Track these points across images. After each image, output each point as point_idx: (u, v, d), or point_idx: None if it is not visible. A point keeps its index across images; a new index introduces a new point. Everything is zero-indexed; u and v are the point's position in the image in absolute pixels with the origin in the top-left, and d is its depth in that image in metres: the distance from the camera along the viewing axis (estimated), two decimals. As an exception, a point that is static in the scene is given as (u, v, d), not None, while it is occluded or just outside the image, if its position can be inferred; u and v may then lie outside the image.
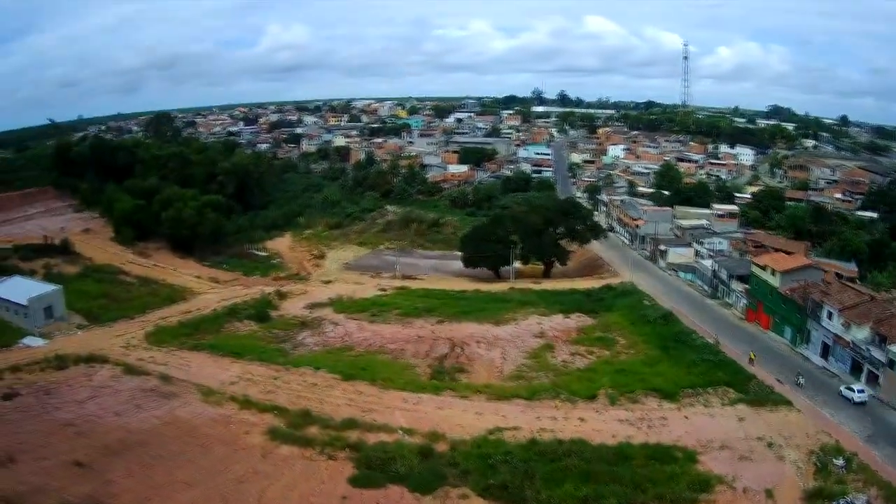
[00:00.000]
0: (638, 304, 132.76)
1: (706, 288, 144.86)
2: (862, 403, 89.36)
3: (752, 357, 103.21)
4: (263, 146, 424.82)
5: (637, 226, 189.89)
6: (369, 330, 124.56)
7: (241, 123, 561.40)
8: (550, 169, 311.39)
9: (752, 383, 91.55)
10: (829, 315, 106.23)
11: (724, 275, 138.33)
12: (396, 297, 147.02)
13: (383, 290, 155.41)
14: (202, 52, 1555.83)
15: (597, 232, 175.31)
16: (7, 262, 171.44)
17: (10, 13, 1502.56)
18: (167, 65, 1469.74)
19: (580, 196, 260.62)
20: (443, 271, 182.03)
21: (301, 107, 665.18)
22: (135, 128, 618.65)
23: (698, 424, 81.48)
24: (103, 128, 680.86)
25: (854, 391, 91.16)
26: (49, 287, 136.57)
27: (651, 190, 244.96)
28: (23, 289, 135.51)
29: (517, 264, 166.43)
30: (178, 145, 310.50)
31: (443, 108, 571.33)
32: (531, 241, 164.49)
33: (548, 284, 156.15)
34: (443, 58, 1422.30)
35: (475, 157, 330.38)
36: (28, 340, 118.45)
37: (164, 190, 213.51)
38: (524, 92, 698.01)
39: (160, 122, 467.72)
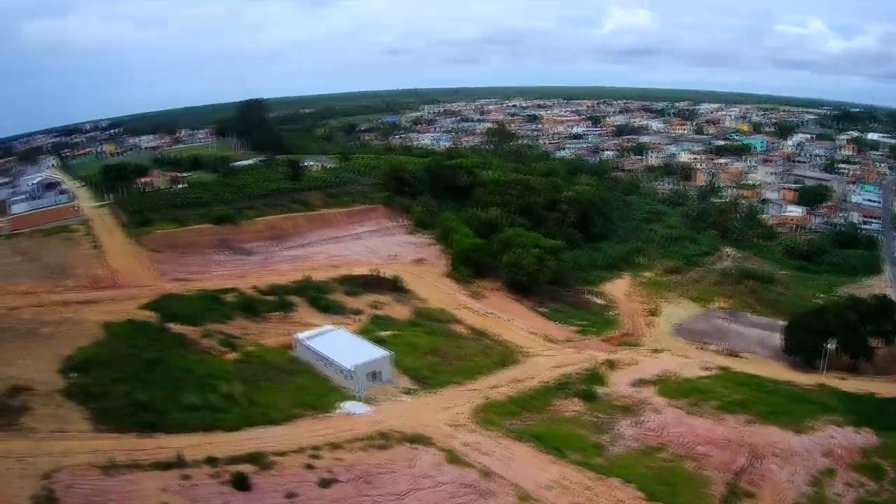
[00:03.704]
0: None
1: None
2: None
3: None
4: (608, 154, 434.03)
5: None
6: (686, 424, 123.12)
7: (586, 124, 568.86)
8: (878, 221, 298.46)
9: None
10: None
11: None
12: (717, 382, 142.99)
13: (707, 368, 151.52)
14: (545, 30, 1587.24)
15: None
16: (331, 296, 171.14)
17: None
18: (509, 40, 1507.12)
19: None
20: (766, 346, 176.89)
21: (646, 107, 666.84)
22: (474, 115, 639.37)
23: None
24: (440, 110, 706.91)
25: None
26: (378, 353, 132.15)
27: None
28: (347, 346, 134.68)
29: (830, 346, 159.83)
30: (520, 163, 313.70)
31: (784, 126, 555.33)
32: (844, 337, 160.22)
33: (852, 383, 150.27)
34: (782, 54, 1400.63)
35: (812, 196, 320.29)
36: (349, 406, 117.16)
37: (504, 227, 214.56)
38: (859, 98, 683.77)
39: (502, 135, 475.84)
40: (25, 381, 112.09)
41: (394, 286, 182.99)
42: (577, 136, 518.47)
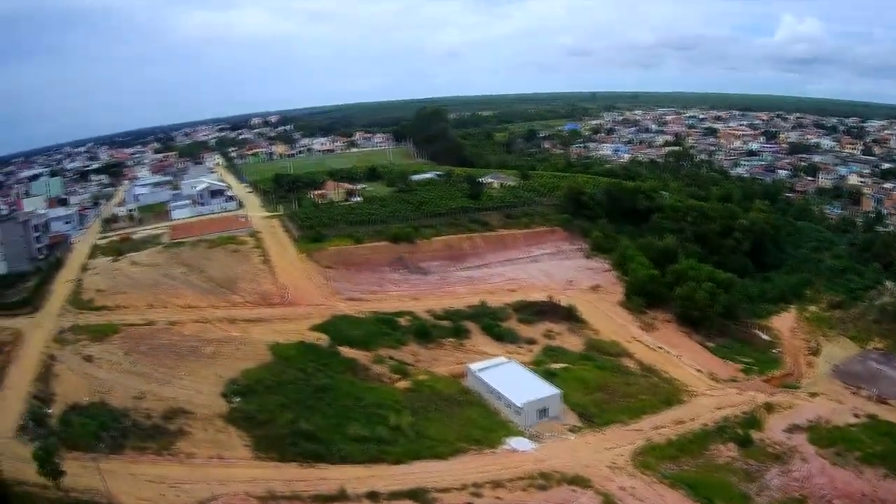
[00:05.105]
0: None
1: None
2: None
3: None
4: (782, 173, 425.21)
5: None
6: (828, 475, 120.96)
7: (761, 140, 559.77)
8: None
9: None
10: None
11: None
12: (863, 431, 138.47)
13: (857, 416, 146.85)
14: (719, 36, 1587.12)
15: None
16: (506, 323, 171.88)
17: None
18: (685, 45, 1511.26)
19: None
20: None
21: (818, 122, 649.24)
22: (652, 126, 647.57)
23: None
24: (619, 118, 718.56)
25: None
26: (548, 391, 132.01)
27: None
28: (518, 380, 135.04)
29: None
30: (696, 187, 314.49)
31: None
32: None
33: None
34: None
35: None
36: (515, 443, 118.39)
37: (680, 256, 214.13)
38: None
39: (680, 156, 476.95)
40: (185, 404, 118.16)
41: (568, 314, 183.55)
42: (752, 153, 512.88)
